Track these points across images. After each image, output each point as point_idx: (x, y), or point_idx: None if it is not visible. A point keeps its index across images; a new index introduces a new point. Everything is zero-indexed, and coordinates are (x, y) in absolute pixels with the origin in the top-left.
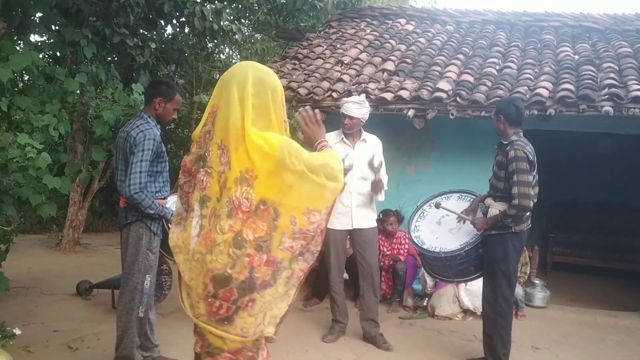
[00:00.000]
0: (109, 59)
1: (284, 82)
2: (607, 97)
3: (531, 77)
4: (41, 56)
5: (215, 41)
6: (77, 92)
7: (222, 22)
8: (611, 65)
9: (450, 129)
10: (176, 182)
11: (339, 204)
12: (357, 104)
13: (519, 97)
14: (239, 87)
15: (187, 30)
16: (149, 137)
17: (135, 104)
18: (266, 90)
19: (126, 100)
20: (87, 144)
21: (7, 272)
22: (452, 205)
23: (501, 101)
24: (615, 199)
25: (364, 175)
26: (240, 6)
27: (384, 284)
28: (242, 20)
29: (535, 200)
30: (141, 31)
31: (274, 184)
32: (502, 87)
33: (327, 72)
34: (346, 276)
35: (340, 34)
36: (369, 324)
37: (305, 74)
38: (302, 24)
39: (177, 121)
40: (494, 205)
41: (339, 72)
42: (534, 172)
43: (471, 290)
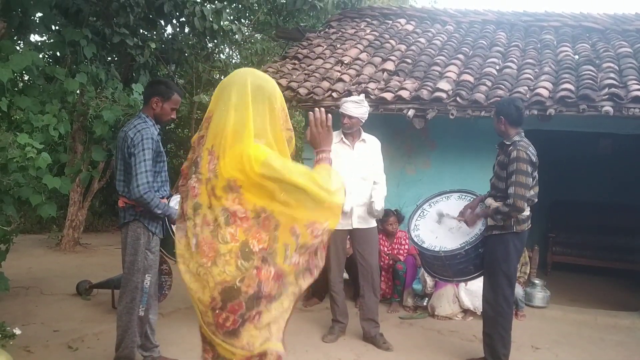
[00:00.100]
0: (109, 59)
1: (284, 81)
2: (607, 97)
3: (531, 77)
4: (41, 56)
5: (215, 41)
6: (77, 92)
7: (222, 22)
8: (611, 65)
9: (450, 129)
10: (176, 182)
11: None
12: (356, 103)
13: (519, 97)
14: (237, 94)
15: (187, 30)
16: (146, 137)
17: (135, 104)
18: (263, 97)
19: (126, 100)
20: (87, 144)
21: (7, 272)
22: (453, 204)
23: (501, 102)
24: (615, 199)
25: (363, 175)
26: (240, 6)
27: (384, 284)
28: (242, 20)
29: (535, 200)
30: (141, 31)
31: (262, 193)
32: (502, 87)
33: (327, 72)
34: (346, 276)
35: (340, 34)
36: (369, 324)
37: (305, 74)
38: (302, 24)
39: (177, 121)
40: (495, 205)
41: (339, 72)
42: (535, 173)
43: (471, 290)
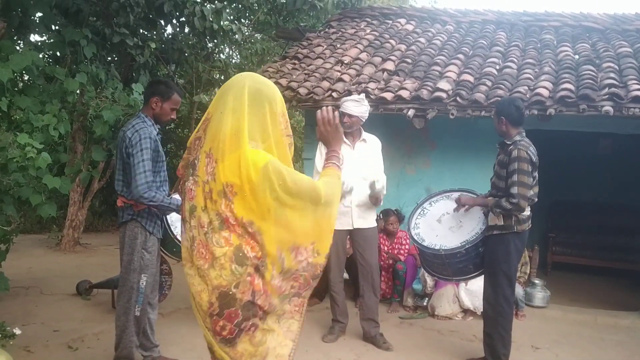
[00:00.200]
0: (109, 58)
1: (284, 81)
2: (607, 96)
3: (531, 77)
4: (41, 56)
5: (215, 41)
6: (77, 92)
7: (222, 22)
8: (611, 65)
9: (450, 129)
10: (176, 183)
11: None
12: (356, 102)
13: (519, 97)
14: (235, 98)
15: (187, 30)
16: (144, 137)
17: (135, 103)
18: (262, 102)
19: (126, 100)
20: (87, 143)
21: (7, 272)
22: (453, 204)
23: (501, 102)
24: (615, 199)
25: (364, 175)
26: (240, 6)
27: (384, 284)
28: (242, 20)
29: (535, 199)
30: (141, 31)
31: (254, 205)
32: (502, 86)
33: (327, 72)
34: (346, 276)
35: (340, 33)
36: (369, 323)
37: (305, 74)
38: (302, 24)
39: (177, 121)
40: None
41: (339, 72)
42: (535, 173)
43: (471, 290)
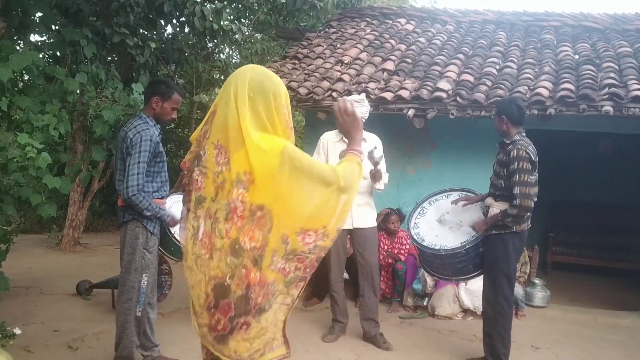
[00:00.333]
0: (109, 58)
1: (284, 81)
2: (607, 96)
3: (531, 77)
4: (41, 56)
5: (215, 41)
6: (77, 91)
7: (222, 22)
8: (611, 64)
9: (450, 129)
10: (176, 182)
11: None
12: (357, 102)
13: (519, 96)
14: (236, 89)
15: (187, 30)
16: (145, 138)
17: (135, 103)
18: (266, 93)
19: (126, 100)
20: (87, 143)
21: (7, 271)
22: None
23: (502, 102)
24: (615, 198)
25: (364, 174)
26: (240, 6)
27: (383, 284)
28: (242, 20)
29: (535, 199)
30: (141, 31)
31: (271, 190)
32: (502, 86)
33: (327, 71)
34: (346, 276)
35: (340, 33)
36: (369, 323)
37: (305, 74)
38: (302, 24)
39: (177, 121)
40: (495, 205)
41: (339, 71)
42: (535, 172)
43: (471, 290)
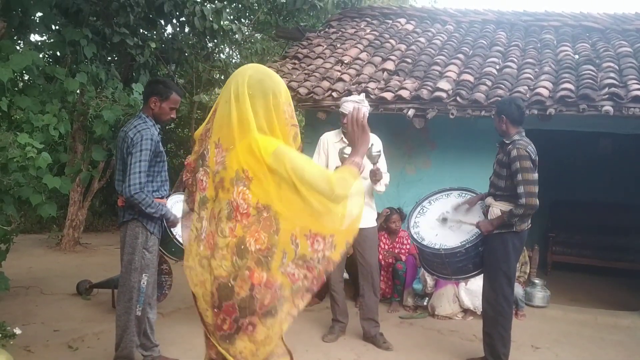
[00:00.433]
0: (109, 58)
1: (284, 81)
2: (607, 96)
3: (531, 77)
4: (41, 56)
5: (215, 41)
6: (77, 91)
7: (222, 22)
8: (611, 64)
9: (450, 129)
10: (176, 182)
11: None
12: (356, 103)
13: (519, 96)
14: (236, 87)
15: (187, 29)
16: (146, 137)
17: (135, 103)
18: (266, 91)
19: (126, 99)
20: (87, 143)
21: (7, 271)
22: (453, 202)
23: (502, 101)
24: (615, 198)
25: (364, 175)
26: (240, 6)
27: (383, 283)
28: (242, 19)
29: None
30: (141, 31)
31: (271, 188)
32: (502, 86)
33: (327, 71)
34: (346, 276)
35: (340, 33)
36: (369, 323)
37: (305, 74)
38: (302, 24)
39: (177, 121)
40: (495, 204)
41: (339, 71)
42: (535, 171)
43: (471, 289)
